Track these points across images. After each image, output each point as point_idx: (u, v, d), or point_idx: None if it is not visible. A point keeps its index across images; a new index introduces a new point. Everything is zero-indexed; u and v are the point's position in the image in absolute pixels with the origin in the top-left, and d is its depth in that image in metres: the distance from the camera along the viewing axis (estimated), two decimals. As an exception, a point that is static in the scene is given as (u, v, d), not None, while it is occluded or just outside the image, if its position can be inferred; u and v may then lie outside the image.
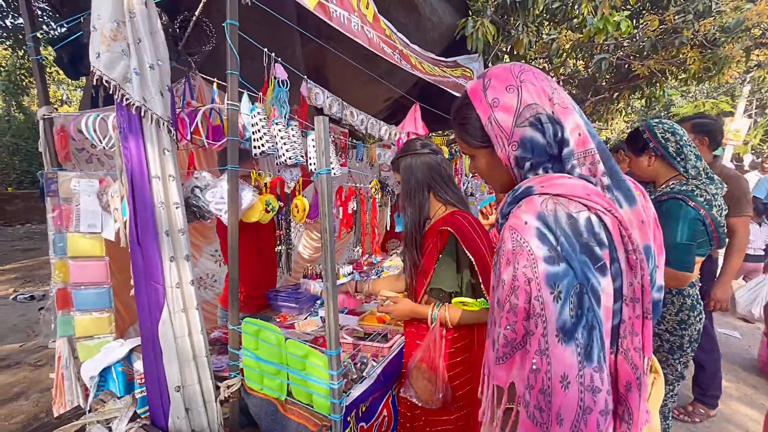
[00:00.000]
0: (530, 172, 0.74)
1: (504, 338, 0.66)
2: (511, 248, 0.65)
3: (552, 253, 0.62)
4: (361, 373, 1.54)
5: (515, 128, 0.72)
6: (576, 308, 0.60)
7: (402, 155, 1.55)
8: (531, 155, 0.72)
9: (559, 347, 0.60)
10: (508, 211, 0.71)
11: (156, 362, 1.33)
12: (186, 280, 1.35)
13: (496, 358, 0.68)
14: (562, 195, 0.66)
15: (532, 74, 0.74)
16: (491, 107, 0.73)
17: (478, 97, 0.76)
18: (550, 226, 0.63)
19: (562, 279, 0.61)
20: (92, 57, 1.16)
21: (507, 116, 0.72)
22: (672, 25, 4.63)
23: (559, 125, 0.71)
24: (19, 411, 2.81)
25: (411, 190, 1.50)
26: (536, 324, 0.62)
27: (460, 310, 1.44)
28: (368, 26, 2.08)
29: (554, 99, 0.71)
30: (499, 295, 0.68)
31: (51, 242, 1.96)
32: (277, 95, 1.55)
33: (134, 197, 1.25)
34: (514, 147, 0.73)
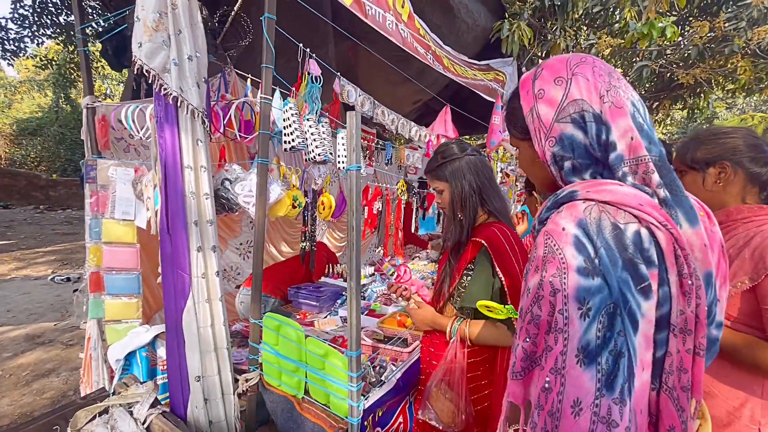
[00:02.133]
0: (574, 174, 0.68)
1: (523, 351, 0.61)
2: (542, 255, 0.60)
3: (587, 264, 0.56)
4: (380, 377, 1.51)
5: (555, 123, 0.67)
6: (605, 329, 0.54)
7: (445, 160, 1.43)
8: (571, 154, 0.67)
9: (576, 368, 0.54)
10: (547, 216, 0.66)
11: (179, 350, 1.34)
12: (212, 271, 1.36)
13: (513, 372, 0.62)
14: (609, 202, 0.59)
15: (591, 68, 0.67)
16: (536, 98, 0.69)
17: (526, 87, 0.71)
18: (590, 235, 0.57)
19: (594, 295, 0.54)
20: (134, 46, 1.19)
21: (549, 109, 0.67)
22: (722, 32, 4.37)
23: (605, 126, 0.64)
24: (49, 387, 2.93)
25: (464, 196, 1.39)
26: (556, 339, 0.56)
27: (482, 327, 1.37)
28: (403, 25, 2.06)
29: (606, 97, 0.65)
30: (522, 305, 0.62)
31: (87, 227, 2.04)
32: (309, 91, 1.55)
33: (166, 186, 1.26)
34: (551, 143, 0.68)
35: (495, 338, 1.35)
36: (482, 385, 1.43)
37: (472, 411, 1.33)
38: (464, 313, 1.46)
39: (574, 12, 4.04)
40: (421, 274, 3.04)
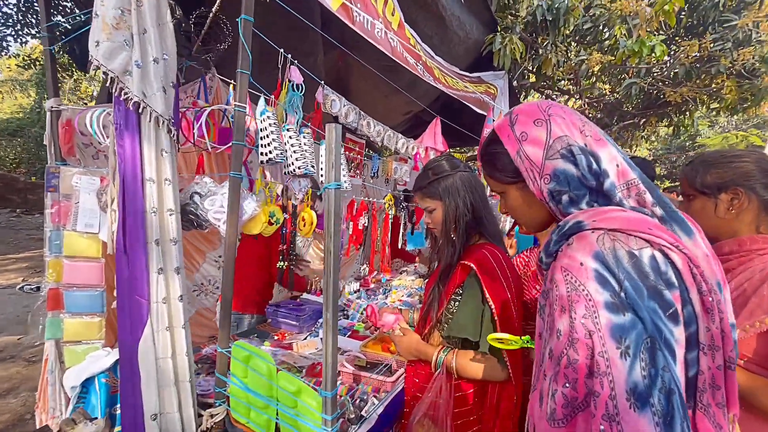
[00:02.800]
0: (572, 206, 0.69)
1: (563, 397, 0.58)
2: (565, 293, 0.58)
3: (615, 299, 0.54)
4: (360, 412, 1.38)
5: (546, 161, 0.69)
6: (648, 367, 0.52)
7: (437, 177, 1.34)
8: (567, 188, 0.68)
9: (631, 413, 0.51)
10: (557, 249, 0.65)
11: (133, 385, 1.20)
12: (174, 295, 1.22)
13: (554, 420, 0.59)
14: (618, 230, 0.60)
15: (560, 109, 0.71)
16: (519, 141, 0.71)
17: (505, 133, 0.74)
18: (610, 267, 0.56)
19: (629, 332, 0.53)
20: (91, 45, 1.06)
21: (537, 149, 0.70)
22: (708, 52, 4.44)
23: (593, 156, 0.67)
24: (5, 409, 2.71)
25: (458, 215, 1.30)
26: (602, 384, 0.53)
27: (470, 359, 1.26)
28: (392, 33, 1.97)
29: (585, 131, 0.69)
30: (552, 347, 0.60)
31: (47, 239, 1.88)
32: (290, 99, 1.44)
33: (124, 201, 1.14)
34: (546, 180, 0.70)
35: (484, 373, 1.24)
36: (470, 422, 1.31)
37: None
38: (451, 342, 1.35)
39: (566, 28, 4.05)
40: (409, 290, 2.93)
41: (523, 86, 5.11)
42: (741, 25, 4.24)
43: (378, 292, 2.85)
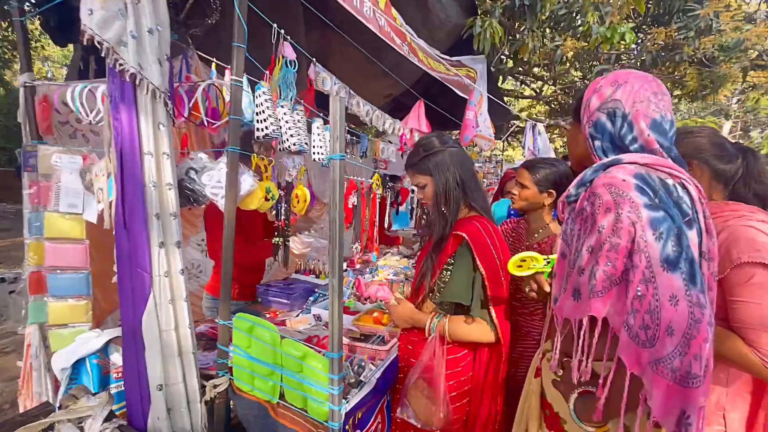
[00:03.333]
0: (601, 152, 0.89)
1: (604, 274, 0.75)
2: (610, 199, 0.75)
3: (652, 202, 0.73)
4: (359, 377, 1.45)
5: (596, 111, 0.89)
6: (676, 246, 0.71)
7: (428, 153, 1.38)
8: (600, 136, 0.89)
9: (665, 274, 0.70)
10: (592, 178, 0.83)
11: (137, 357, 1.21)
12: (176, 269, 1.23)
13: (594, 292, 0.76)
14: (649, 164, 0.79)
15: (641, 83, 0.87)
16: (595, 91, 0.91)
17: (593, 84, 0.92)
18: (648, 182, 0.75)
19: (662, 223, 0.72)
20: (83, 14, 1.04)
21: (597, 101, 0.89)
22: (673, 40, 4.67)
23: (628, 125, 0.85)
24: (-20, 401, 2.62)
25: (448, 189, 1.35)
26: (640, 258, 0.71)
27: (461, 323, 1.34)
28: (380, 12, 1.99)
29: (637, 105, 0.85)
30: (592, 242, 0.77)
31: (26, 221, 1.82)
32: (284, 76, 1.45)
33: (123, 175, 1.13)
34: (589, 124, 0.90)
35: (474, 335, 1.33)
36: (462, 382, 1.41)
37: (451, 409, 1.30)
38: (443, 308, 1.43)
39: (542, 13, 4.15)
40: (394, 269, 3.00)
41: (501, 71, 5.21)
42: (703, 15, 4.46)
43: (365, 271, 2.92)
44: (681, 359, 0.68)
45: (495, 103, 4.24)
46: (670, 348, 0.68)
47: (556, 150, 10.33)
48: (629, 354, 0.72)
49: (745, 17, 5.15)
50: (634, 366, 0.72)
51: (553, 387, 1.00)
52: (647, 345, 0.70)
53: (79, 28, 1.20)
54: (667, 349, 0.69)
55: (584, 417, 0.90)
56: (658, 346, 0.69)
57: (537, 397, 1.10)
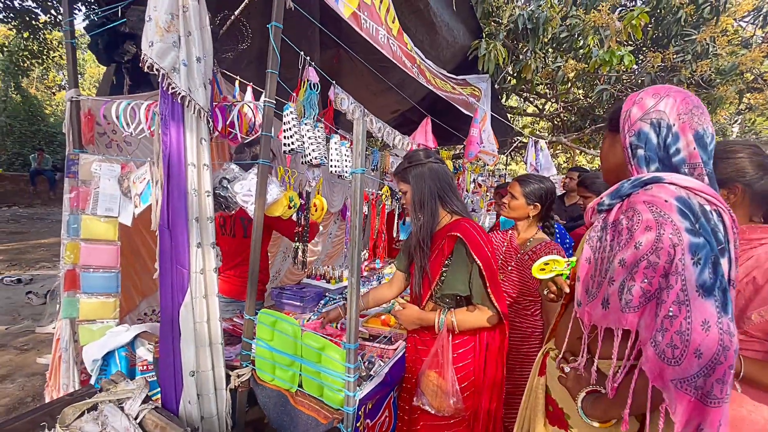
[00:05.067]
0: (643, 162, 0.89)
1: (641, 290, 0.78)
2: (652, 218, 0.78)
3: (693, 227, 0.75)
4: (369, 371, 1.58)
5: (638, 121, 0.89)
6: (713, 273, 0.73)
7: (410, 165, 1.57)
8: (643, 146, 0.88)
9: (699, 300, 0.72)
10: (630, 192, 0.86)
11: (173, 345, 1.35)
12: (210, 267, 1.38)
13: (630, 306, 0.79)
14: (689, 188, 0.80)
15: (683, 96, 0.88)
16: (635, 102, 0.91)
17: (633, 96, 0.93)
18: (689, 206, 0.77)
19: (701, 249, 0.74)
20: (145, 46, 1.21)
21: (639, 111, 0.90)
22: (671, 63, 4.85)
23: (673, 136, 0.86)
24: (3, 394, 2.75)
25: (423, 199, 1.53)
26: (676, 281, 0.74)
27: (466, 313, 1.48)
28: (393, 39, 2.17)
29: (683, 117, 0.86)
30: (626, 256, 0.80)
31: (65, 223, 1.97)
32: (308, 97, 1.62)
33: (169, 183, 1.29)
34: (630, 133, 0.90)
35: (481, 321, 1.46)
36: (464, 377, 1.53)
37: (461, 397, 1.43)
38: (444, 303, 1.56)
39: (544, 36, 4.35)
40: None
41: (504, 89, 5.41)
42: (699, 40, 4.65)
43: (371, 279, 3.05)
44: (704, 380, 0.71)
45: (498, 119, 4.42)
46: (695, 369, 0.71)
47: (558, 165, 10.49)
48: (653, 368, 0.75)
49: (741, 42, 5.35)
50: (657, 380, 0.75)
51: (560, 383, 1.04)
52: (672, 363, 0.72)
53: (120, 49, 1.38)
54: (693, 370, 0.71)
55: (593, 415, 0.93)
56: (684, 365, 0.71)
57: (542, 394, 1.13)
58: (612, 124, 0.99)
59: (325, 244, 4.27)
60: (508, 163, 9.90)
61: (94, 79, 19.14)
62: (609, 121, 1.01)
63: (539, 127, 10.12)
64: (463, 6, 3.49)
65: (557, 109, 6.98)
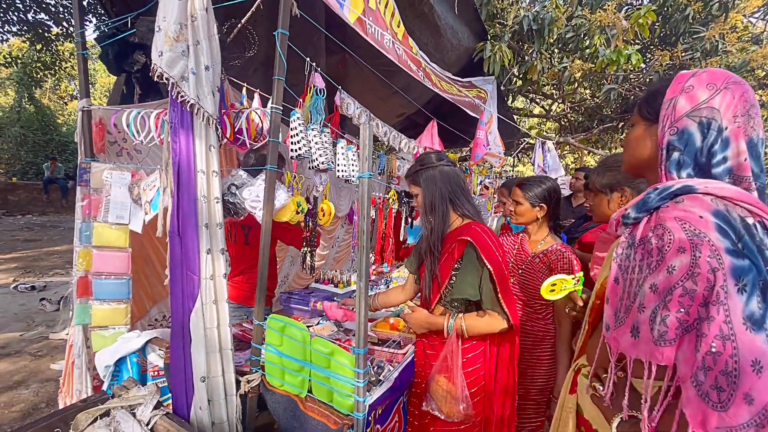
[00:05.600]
0: (675, 167, 0.77)
1: (677, 321, 0.67)
2: (685, 238, 0.67)
3: (735, 247, 0.64)
4: (378, 376, 1.57)
5: (685, 117, 0.76)
6: (762, 302, 0.62)
7: (421, 168, 1.56)
8: (682, 148, 0.76)
9: (748, 334, 0.61)
10: (659, 205, 0.75)
11: (184, 351, 1.36)
12: (219, 273, 1.39)
13: (664, 340, 0.68)
14: (728, 198, 0.69)
15: (741, 91, 0.75)
16: (683, 90, 0.77)
17: (680, 79, 0.79)
18: (729, 222, 0.66)
19: (747, 273, 0.63)
20: (154, 55, 1.23)
21: (687, 104, 0.76)
22: (680, 61, 4.79)
23: (723, 142, 0.74)
24: (18, 400, 2.79)
25: (434, 202, 1.52)
26: (718, 311, 0.63)
27: (475, 318, 1.47)
28: (398, 43, 2.18)
29: (739, 119, 0.74)
30: (657, 281, 0.69)
31: (77, 230, 2.01)
32: (314, 103, 1.63)
33: (179, 189, 1.30)
34: (672, 131, 0.77)
35: (490, 326, 1.45)
36: (474, 381, 1.52)
37: (471, 403, 1.42)
38: (454, 307, 1.54)
39: (550, 36, 4.33)
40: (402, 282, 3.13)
41: (510, 90, 5.40)
42: (708, 37, 4.60)
43: (379, 282, 3.05)
44: (757, 430, 0.60)
45: (505, 121, 4.41)
46: (746, 417, 0.60)
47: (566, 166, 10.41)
48: (695, 412, 0.65)
49: (751, 38, 5.27)
50: (699, 426, 0.64)
51: (593, 402, 0.94)
52: (718, 408, 0.62)
53: (129, 59, 1.40)
54: (743, 418, 0.61)
55: None
56: (731, 412, 0.61)
57: (573, 415, 1.04)
58: (646, 111, 0.85)
59: (332, 248, 4.28)
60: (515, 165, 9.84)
61: (104, 89, 19.52)
62: (642, 105, 0.87)
63: (546, 128, 10.06)
64: (467, 9, 3.49)
65: (564, 109, 6.93)
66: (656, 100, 0.82)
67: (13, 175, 13.32)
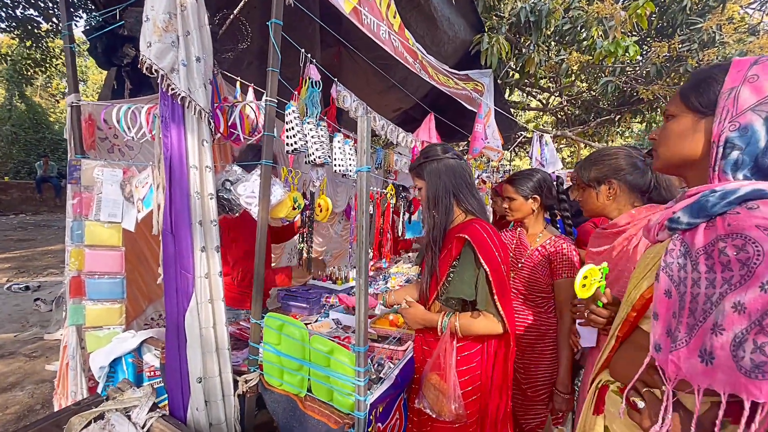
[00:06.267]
0: (731, 167, 0.69)
1: None
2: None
3: None
4: (379, 374, 1.54)
5: (749, 110, 0.67)
6: None
7: (426, 160, 1.53)
8: (743, 147, 0.68)
9: None
10: (724, 211, 0.67)
11: (179, 352, 1.33)
12: (214, 271, 1.36)
13: (761, 371, 0.58)
14: None
15: None
16: (745, 80, 0.69)
17: (739, 66, 0.71)
18: None
19: None
20: (143, 46, 1.19)
21: (752, 96, 0.68)
22: (677, 53, 4.77)
23: None
24: (13, 401, 2.75)
25: (438, 195, 1.49)
26: None
27: (470, 318, 1.43)
28: (394, 34, 2.14)
29: None
30: (746, 300, 0.60)
31: (68, 229, 1.96)
32: (310, 95, 1.59)
33: (171, 185, 1.26)
34: (733, 126, 0.68)
35: (484, 328, 1.42)
36: (475, 377, 1.50)
37: (463, 403, 1.38)
38: (450, 305, 1.52)
39: (547, 29, 4.29)
40: (406, 276, 3.11)
41: (508, 83, 5.36)
42: (706, 28, 4.58)
43: (378, 278, 3.02)
44: None
45: (502, 114, 4.37)
46: None
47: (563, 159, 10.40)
48: None
49: (748, 29, 5.26)
50: None
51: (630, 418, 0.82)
52: None
53: (119, 52, 1.35)
54: None
55: None
56: None
57: None
58: (696, 101, 0.75)
59: (329, 244, 4.25)
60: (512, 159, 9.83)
61: (96, 86, 19.29)
62: (690, 93, 0.76)
63: (543, 121, 10.04)
64: (464, 0, 3.44)
65: (561, 102, 6.91)
66: (710, 89, 0.73)
67: (5, 174, 13.16)
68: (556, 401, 1.74)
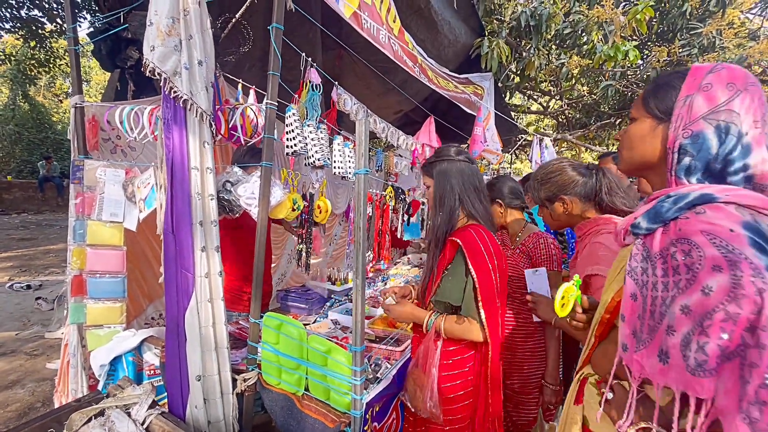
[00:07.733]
0: (684, 172, 0.72)
1: (718, 349, 0.60)
2: (719, 255, 0.60)
3: None
4: (376, 374, 1.56)
5: (701, 119, 0.70)
6: None
7: (437, 160, 1.53)
8: (695, 153, 0.70)
9: None
10: (676, 216, 0.69)
11: (179, 350, 1.35)
12: (214, 271, 1.38)
13: (704, 370, 0.61)
14: (751, 206, 0.64)
15: (760, 94, 0.70)
16: (700, 88, 0.71)
17: (696, 74, 0.73)
18: (762, 234, 0.61)
19: None
20: (146, 50, 1.21)
21: (704, 104, 0.70)
22: (677, 57, 4.79)
23: (744, 150, 0.68)
24: (14, 399, 2.77)
25: (443, 196, 1.48)
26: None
27: (454, 321, 1.41)
28: (394, 38, 2.16)
29: (759, 123, 0.69)
30: (690, 303, 0.62)
31: (71, 228, 1.98)
32: (310, 98, 1.61)
33: (173, 186, 1.28)
34: (686, 134, 0.71)
35: (465, 333, 1.40)
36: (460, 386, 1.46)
37: (438, 401, 1.37)
38: (439, 307, 1.51)
39: (547, 33, 4.32)
40: (405, 278, 3.13)
41: (508, 87, 5.38)
42: (706, 33, 4.60)
43: (377, 280, 3.04)
44: None
45: (502, 117, 4.39)
46: None
47: (563, 163, 10.38)
48: None
49: (748, 34, 5.27)
50: None
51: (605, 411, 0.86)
52: None
53: (122, 55, 1.38)
54: None
55: None
56: None
57: (578, 426, 0.98)
58: (654, 107, 0.77)
59: (329, 245, 4.27)
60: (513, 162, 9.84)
61: (100, 86, 19.38)
62: (650, 99, 0.79)
63: (543, 124, 10.06)
64: (465, 4, 3.47)
65: (561, 106, 6.93)
66: (667, 96, 0.75)
67: (8, 173, 13.22)
68: (546, 393, 1.76)
